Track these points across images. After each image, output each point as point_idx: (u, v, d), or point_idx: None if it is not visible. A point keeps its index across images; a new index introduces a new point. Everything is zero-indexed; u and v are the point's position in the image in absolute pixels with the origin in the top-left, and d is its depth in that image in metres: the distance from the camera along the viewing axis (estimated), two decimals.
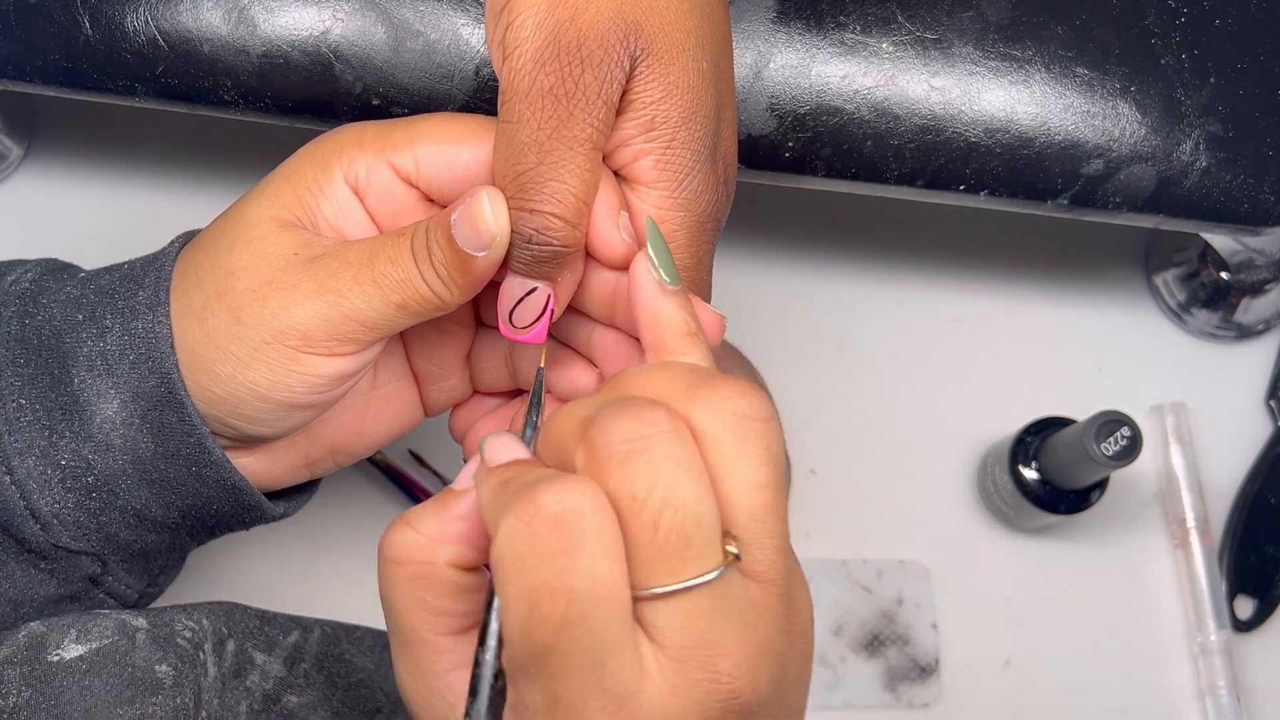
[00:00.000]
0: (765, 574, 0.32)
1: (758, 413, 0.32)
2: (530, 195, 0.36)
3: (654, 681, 0.30)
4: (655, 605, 0.31)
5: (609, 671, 0.30)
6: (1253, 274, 0.65)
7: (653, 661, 0.31)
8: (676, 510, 0.30)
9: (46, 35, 0.50)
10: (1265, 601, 0.65)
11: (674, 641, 0.31)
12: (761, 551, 0.32)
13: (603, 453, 0.31)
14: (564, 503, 0.30)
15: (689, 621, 0.30)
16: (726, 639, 0.31)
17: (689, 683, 0.30)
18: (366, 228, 0.40)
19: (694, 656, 0.30)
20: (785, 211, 0.68)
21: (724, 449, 0.32)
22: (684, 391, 0.32)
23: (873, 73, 0.52)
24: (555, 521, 0.30)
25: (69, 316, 0.40)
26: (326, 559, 0.61)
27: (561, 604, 0.29)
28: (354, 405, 0.43)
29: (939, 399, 0.67)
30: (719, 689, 0.31)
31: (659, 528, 0.30)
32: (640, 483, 0.30)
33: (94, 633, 0.39)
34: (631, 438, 0.31)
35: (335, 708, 0.44)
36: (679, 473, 0.31)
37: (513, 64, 0.36)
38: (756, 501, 0.32)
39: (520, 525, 0.30)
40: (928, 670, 0.62)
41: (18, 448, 0.40)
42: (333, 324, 0.38)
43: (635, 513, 0.30)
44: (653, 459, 0.30)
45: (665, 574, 0.30)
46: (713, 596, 0.31)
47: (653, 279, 0.36)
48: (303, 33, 0.50)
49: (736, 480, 0.32)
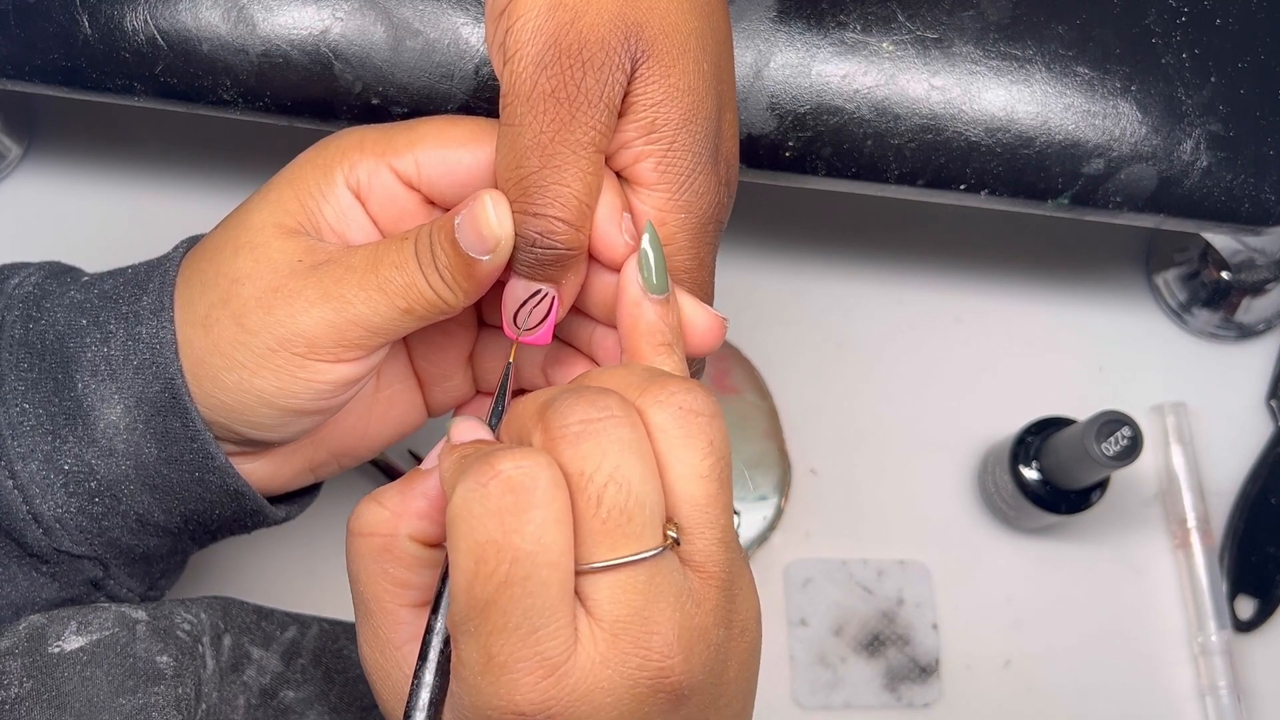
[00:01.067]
0: (705, 564, 0.33)
1: (702, 408, 0.34)
2: (533, 198, 0.37)
3: (586, 652, 0.32)
4: (594, 579, 0.32)
5: (543, 635, 0.31)
6: (1253, 274, 0.65)
7: (587, 633, 0.32)
8: (620, 488, 0.32)
9: (46, 35, 0.50)
10: (1266, 601, 0.65)
11: (609, 615, 0.32)
12: (702, 540, 0.33)
13: (557, 432, 0.32)
14: (520, 469, 0.31)
15: (624, 596, 0.32)
16: (660, 618, 0.32)
17: (620, 656, 0.32)
18: (369, 232, 0.40)
19: (627, 631, 0.32)
20: (785, 211, 0.68)
21: (670, 440, 0.33)
22: (636, 386, 0.34)
23: (873, 72, 0.52)
24: (509, 484, 0.31)
25: (73, 321, 0.40)
26: (325, 558, 0.61)
27: (506, 562, 0.31)
28: (358, 409, 0.43)
29: (939, 399, 0.67)
30: (649, 665, 0.32)
31: (602, 503, 0.32)
32: (589, 460, 0.32)
33: (94, 624, 0.39)
34: (584, 419, 0.32)
35: (332, 703, 0.44)
36: (626, 454, 0.32)
37: (514, 67, 0.37)
38: (699, 491, 0.33)
39: (476, 486, 0.31)
40: (928, 670, 0.62)
41: (21, 452, 0.40)
42: (338, 330, 0.38)
43: (582, 488, 0.32)
44: (602, 440, 0.32)
45: (605, 549, 0.32)
46: (649, 575, 0.32)
47: (638, 284, 0.37)
48: (302, 32, 0.50)
49: (681, 469, 0.33)
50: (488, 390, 0.45)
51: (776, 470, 0.64)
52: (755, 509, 0.63)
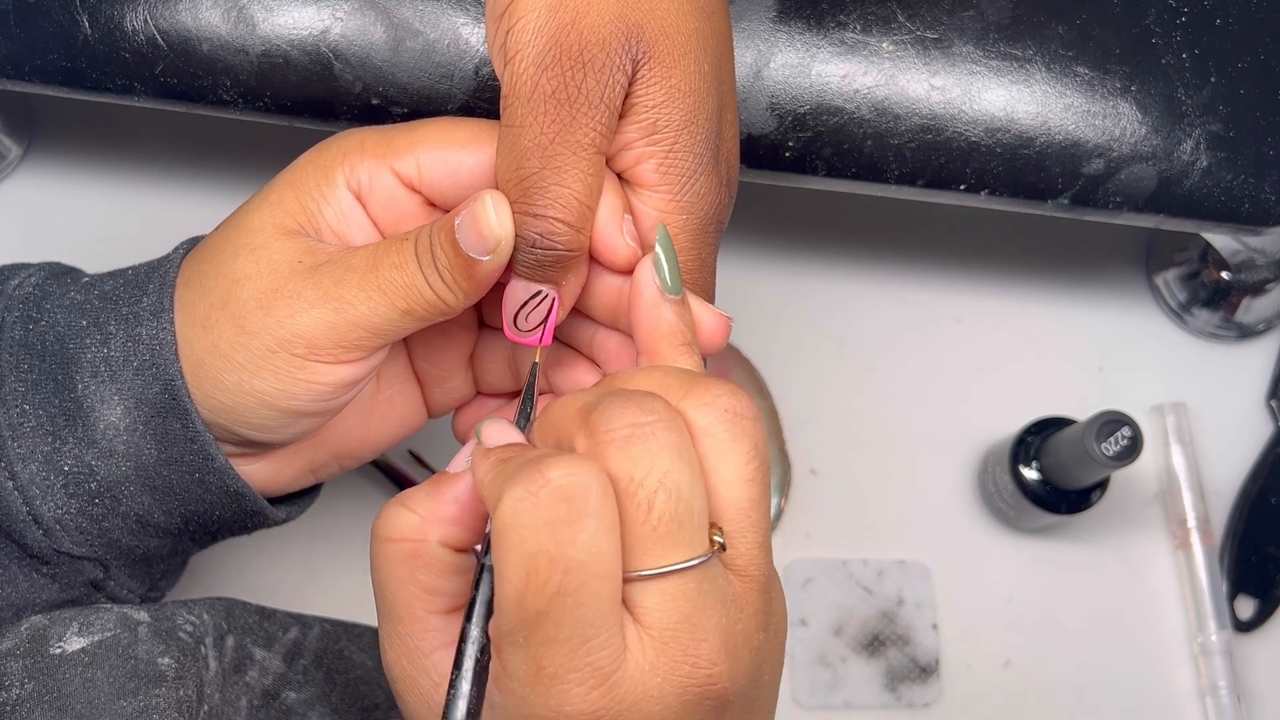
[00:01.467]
0: (747, 568, 0.33)
1: (747, 411, 0.34)
2: (534, 200, 0.37)
3: (636, 660, 0.31)
4: (643, 586, 0.32)
5: (594, 645, 0.31)
6: (1253, 274, 0.65)
7: (636, 641, 0.32)
8: (671, 494, 0.31)
9: (46, 35, 0.50)
10: (1266, 601, 0.65)
11: (658, 623, 0.32)
12: (744, 545, 0.33)
13: (604, 437, 0.32)
14: (572, 476, 0.31)
15: (674, 604, 0.32)
16: (709, 624, 0.32)
17: (669, 663, 0.32)
18: (369, 233, 0.40)
19: (676, 639, 0.32)
20: (785, 211, 0.68)
21: (716, 442, 0.33)
22: (678, 389, 0.34)
23: (873, 72, 0.52)
24: (561, 493, 0.30)
25: (73, 322, 0.40)
26: (326, 559, 0.61)
27: (559, 573, 0.30)
28: (359, 410, 0.43)
29: (939, 399, 0.67)
30: (697, 673, 0.32)
31: (653, 510, 0.31)
32: (639, 466, 0.31)
33: (96, 626, 0.39)
34: (632, 423, 0.32)
35: (334, 704, 0.44)
36: (675, 459, 0.32)
37: (514, 68, 0.36)
38: (744, 495, 0.33)
39: (526, 495, 0.31)
40: (928, 670, 0.62)
41: (21, 453, 0.40)
42: (338, 331, 0.38)
43: (631, 494, 0.31)
44: (651, 445, 0.32)
45: (655, 556, 0.32)
46: (698, 582, 0.32)
47: (654, 285, 0.37)
48: (302, 32, 0.50)
49: (726, 473, 0.33)
50: (488, 391, 0.45)
51: (776, 470, 0.64)
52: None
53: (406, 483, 0.61)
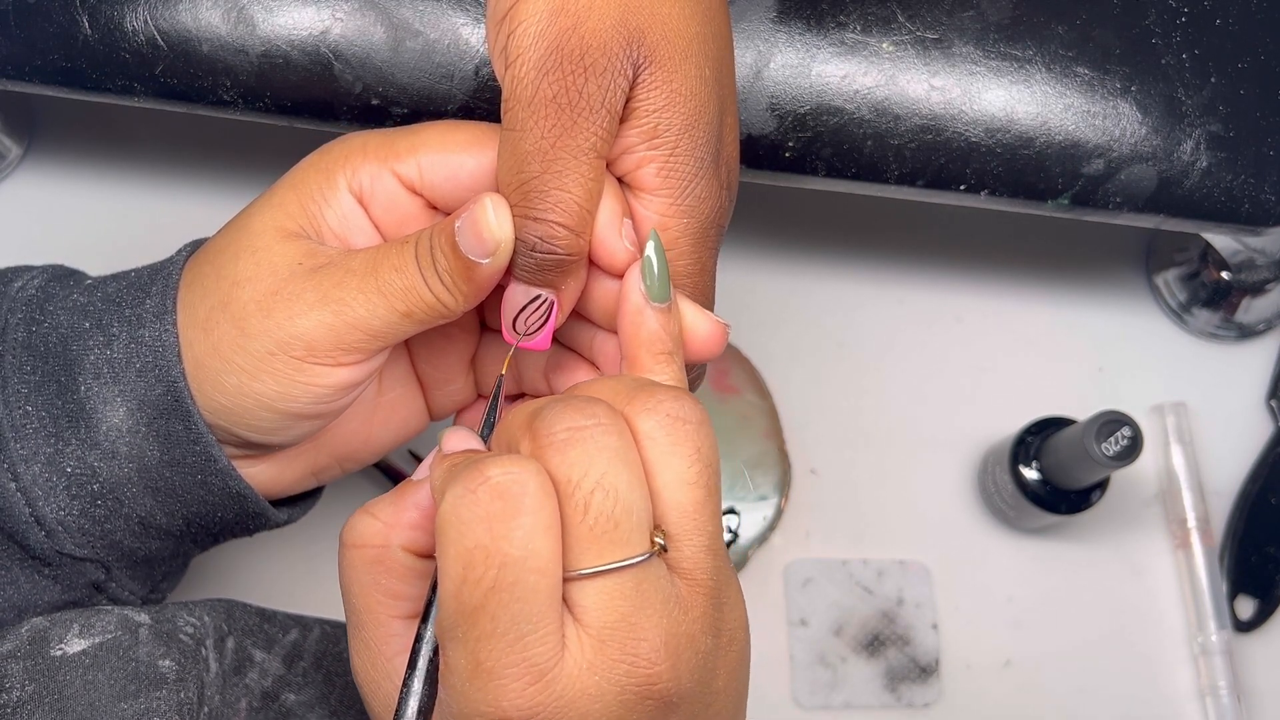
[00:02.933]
0: (692, 571, 0.33)
1: (689, 415, 0.34)
2: (534, 203, 0.37)
3: (574, 658, 0.32)
4: (581, 585, 0.32)
5: (531, 641, 0.31)
6: (1254, 274, 0.65)
7: (575, 639, 0.32)
8: (607, 495, 0.32)
9: (46, 35, 0.50)
10: (1266, 602, 0.65)
11: (596, 621, 0.32)
12: (689, 548, 0.33)
13: (544, 439, 0.32)
14: (509, 475, 0.31)
15: (611, 603, 0.32)
16: (647, 624, 0.32)
17: (607, 662, 0.32)
18: (371, 236, 0.40)
19: (614, 637, 0.32)
20: (785, 211, 0.68)
21: (657, 447, 0.33)
22: (624, 395, 0.34)
23: (873, 72, 0.52)
24: (498, 490, 0.31)
25: (76, 324, 0.40)
26: (326, 560, 0.60)
27: (494, 568, 0.31)
28: (360, 413, 0.43)
29: (939, 399, 0.67)
30: (636, 672, 0.32)
31: (589, 510, 0.32)
32: (576, 468, 0.32)
33: (97, 627, 0.39)
34: (571, 426, 0.32)
35: (332, 706, 0.44)
36: (613, 461, 0.32)
37: (515, 72, 0.36)
38: (686, 498, 0.33)
39: (465, 492, 0.31)
40: (928, 670, 0.62)
41: (23, 454, 0.40)
42: (337, 334, 0.38)
43: (569, 495, 0.32)
44: (589, 447, 0.32)
45: (593, 555, 0.32)
46: (636, 581, 0.32)
47: (640, 291, 0.37)
48: (302, 32, 0.50)
49: (668, 476, 0.33)
50: (490, 394, 0.45)
51: (776, 470, 0.64)
52: (755, 509, 0.63)
53: None
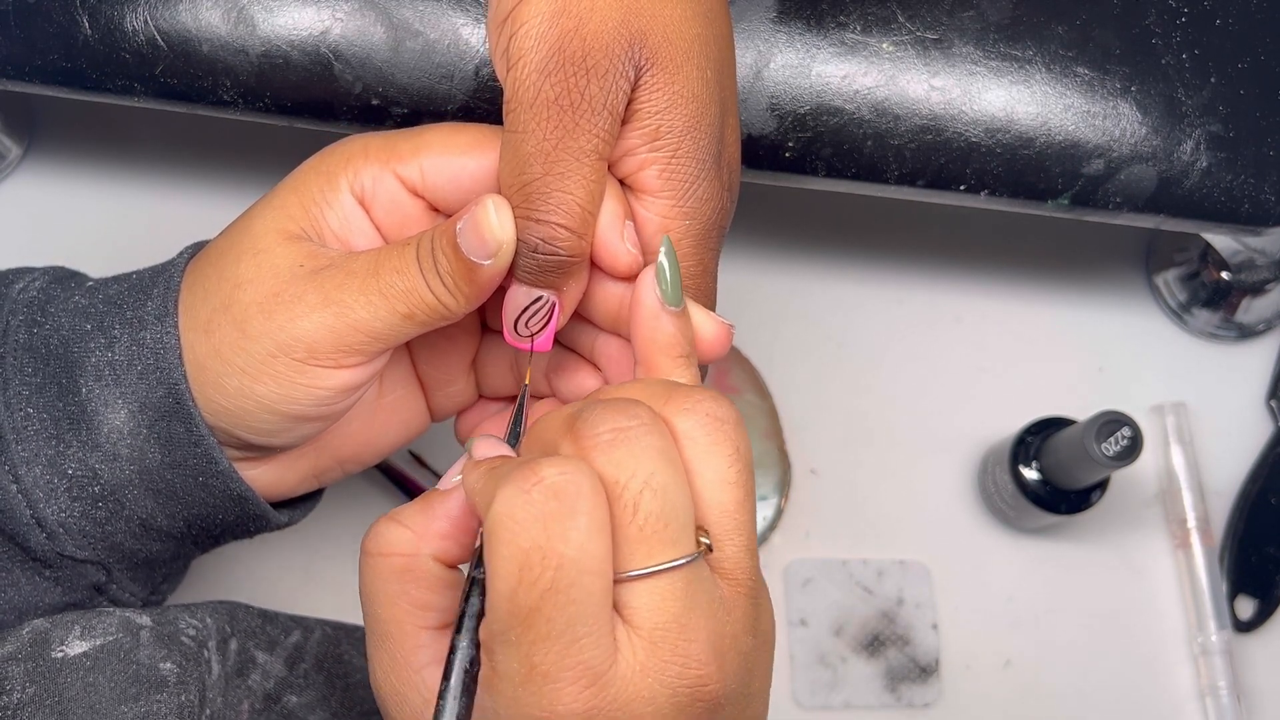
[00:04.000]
0: (733, 571, 0.34)
1: (727, 415, 0.34)
2: (536, 205, 0.37)
3: (626, 660, 0.32)
4: (632, 587, 0.32)
5: (586, 644, 0.31)
6: (1253, 274, 0.65)
7: (626, 641, 0.32)
8: (656, 494, 0.32)
9: (46, 35, 0.50)
10: (1266, 602, 0.65)
11: (647, 622, 0.32)
12: (731, 548, 0.34)
13: (588, 440, 0.32)
14: (564, 475, 0.31)
15: (663, 604, 0.32)
16: (697, 624, 0.32)
17: (660, 664, 0.32)
18: (372, 239, 0.40)
19: (666, 639, 0.32)
20: (785, 211, 0.68)
21: (698, 447, 0.33)
22: (659, 396, 0.34)
23: (873, 73, 0.52)
24: (554, 490, 0.31)
25: (77, 326, 0.40)
26: (326, 560, 0.61)
27: (551, 568, 0.31)
28: (361, 415, 0.43)
29: (939, 399, 0.67)
30: (688, 673, 0.32)
31: (639, 510, 0.32)
32: (623, 468, 0.32)
33: (98, 630, 0.39)
34: (615, 427, 0.32)
35: (334, 708, 0.44)
36: (659, 460, 0.32)
37: (517, 74, 0.36)
38: (728, 498, 0.34)
39: (519, 492, 0.31)
40: (928, 670, 0.62)
41: (25, 456, 0.40)
42: (339, 336, 0.38)
43: (617, 496, 0.32)
44: (635, 447, 0.32)
45: (643, 555, 0.32)
46: (686, 582, 0.32)
47: (655, 296, 0.37)
48: (302, 32, 0.50)
49: (709, 476, 0.33)
50: (490, 395, 0.45)
51: (776, 470, 0.64)
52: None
53: (408, 485, 0.61)
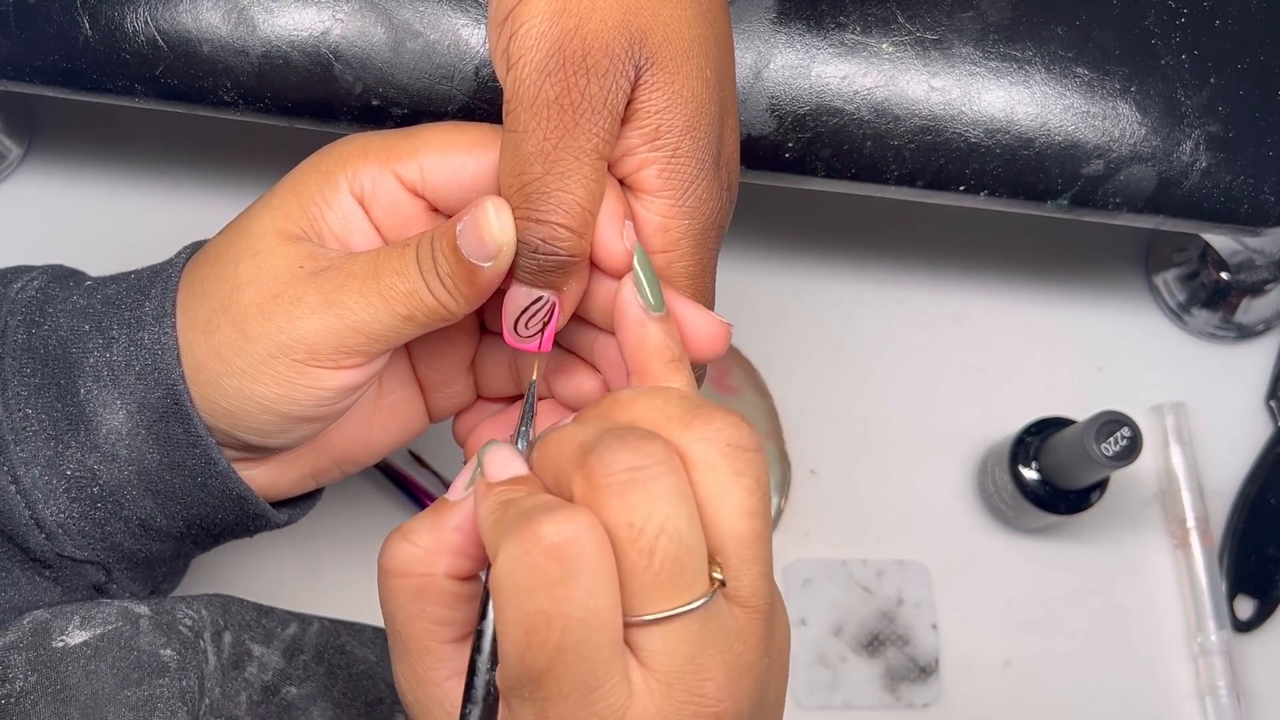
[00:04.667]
0: (750, 599, 0.33)
1: (749, 443, 0.33)
2: (536, 205, 0.36)
3: (642, 704, 0.32)
4: (647, 631, 0.32)
5: (600, 695, 0.31)
6: (1253, 274, 0.65)
7: (641, 684, 0.32)
8: (672, 539, 0.31)
9: (46, 36, 0.50)
10: (1265, 602, 0.65)
11: (662, 665, 0.32)
12: (748, 577, 0.33)
13: (602, 481, 0.32)
14: (564, 534, 0.31)
15: (678, 646, 0.32)
16: (712, 663, 0.32)
17: (675, 705, 0.32)
18: (372, 239, 0.40)
19: (681, 680, 0.32)
20: (785, 211, 0.68)
21: (718, 477, 0.33)
22: (678, 420, 0.34)
23: (873, 73, 0.52)
24: (555, 552, 0.30)
25: (76, 326, 0.40)
26: (326, 558, 0.61)
27: (557, 631, 0.30)
28: (360, 415, 0.43)
29: (939, 399, 0.67)
30: (703, 711, 0.32)
31: (655, 555, 0.31)
32: (638, 512, 0.31)
33: (97, 619, 0.39)
34: (630, 467, 0.32)
35: (336, 699, 0.44)
36: (675, 504, 0.32)
37: (517, 74, 0.36)
38: (746, 529, 0.33)
39: (520, 554, 0.31)
40: (928, 670, 0.62)
41: (24, 457, 0.40)
42: (338, 337, 0.38)
43: (632, 540, 0.31)
44: (651, 490, 0.31)
45: (658, 601, 0.31)
46: (700, 622, 0.32)
47: (638, 304, 0.37)
48: (302, 33, 0.50)
49: (729, 507, 0.33)
50: (489, 396, 0.45)
51: (776, 470, 0.64)
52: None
53: (407, 484, 0.61)
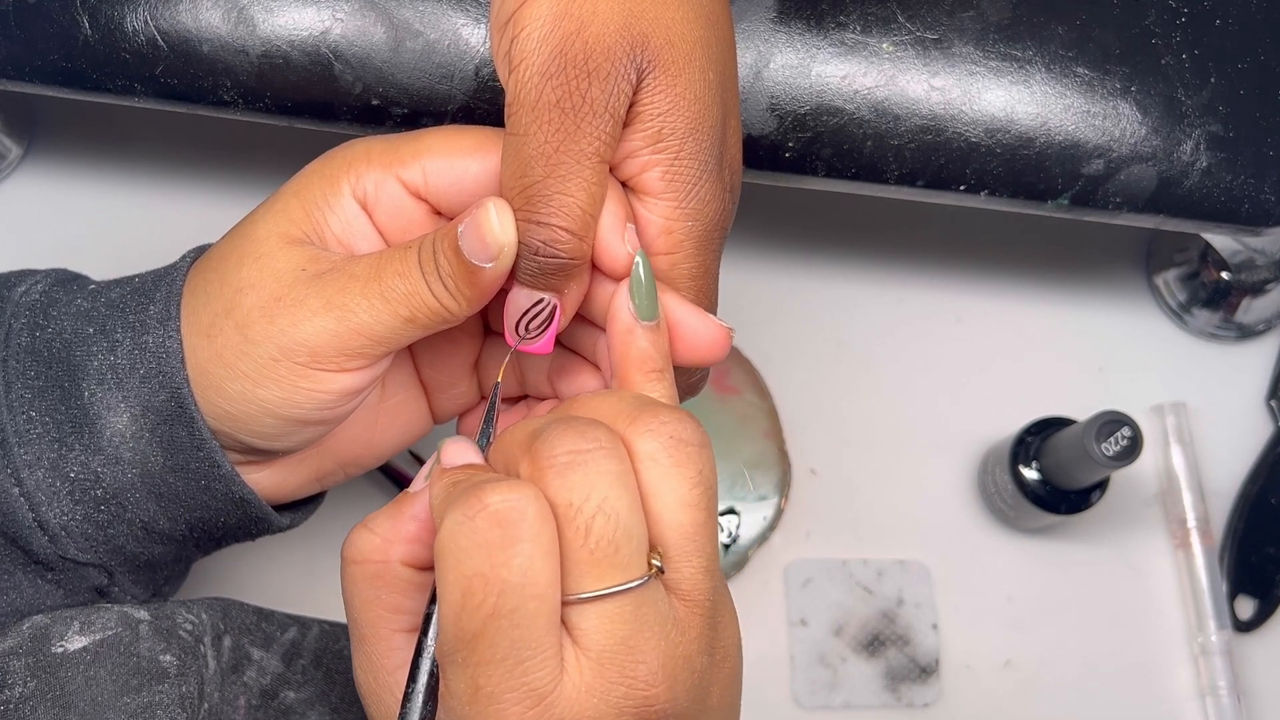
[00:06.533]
0: (690, 592, 0.34)
1: (692, 438, 0.34)
2: (537, 208, 0.37)
3: (572, 681, 0.32)
4: (581, 609, 0.32)
5: (530, 666, 0.32)
6: (1253, 274, 0.65)
7: (573, 662, 0.32)
8: (609, 519, 0.32)
9: (46, 35, 0.50)
10: (1266, 602, 0.65)
11: (595, 644, 0.32)
12: (688, 569, 0.34)
13: (544, 462, 0.32)
14: (507, 501, 0.31)
15: (611, 626, 0.32)
16: (646, 646, 0.32)
17: (606, 685, 0.32)
18: (375, 242, 0.40)
19: (613, 660, 0.32)
20: (785, 211, 0.68)
21: (660, 468, 0.34)
22: (626, 415, 0.34)
23: (873, 73, 0.52)
24: (497, 518, 0.31)
25: (80, 329, 0.40)
26: (326, 560, 0.61)
27: (494, 595, 0.31)
28: (364, 418, 0.43)
29: (939, 399, 0.67)
30: (634, 694, 0.32)
31: (590, 534, 0.32)
32: (577, 491, 0.32)
33: (97, 624, 0.39)
34: (572, 449, 0.32)
35: (333, 703, 0.44)
36: (613, 485, 0.32)
37: (519, 77, 0.36)
38: (686, 520, 0.34)
39: (464, 519, 0.31)
40: (928, 670, 0.62)
41: (27, 460, 0.40)
42: (341, 339, 0.38)
43: (570, 519, 0.32)
44: (590, 471, 0.32)
45: (593, 579, 0.32)
46: (635, 604, 0.32)
47: (629, 311, 0.37)
48: (302, 33, 0.50)
49: (670, 498, 0.34)
50: None
51: (776, 470, 0.64)
52: (755, 509, 0.63)
53: (407, 483, 0.61)
